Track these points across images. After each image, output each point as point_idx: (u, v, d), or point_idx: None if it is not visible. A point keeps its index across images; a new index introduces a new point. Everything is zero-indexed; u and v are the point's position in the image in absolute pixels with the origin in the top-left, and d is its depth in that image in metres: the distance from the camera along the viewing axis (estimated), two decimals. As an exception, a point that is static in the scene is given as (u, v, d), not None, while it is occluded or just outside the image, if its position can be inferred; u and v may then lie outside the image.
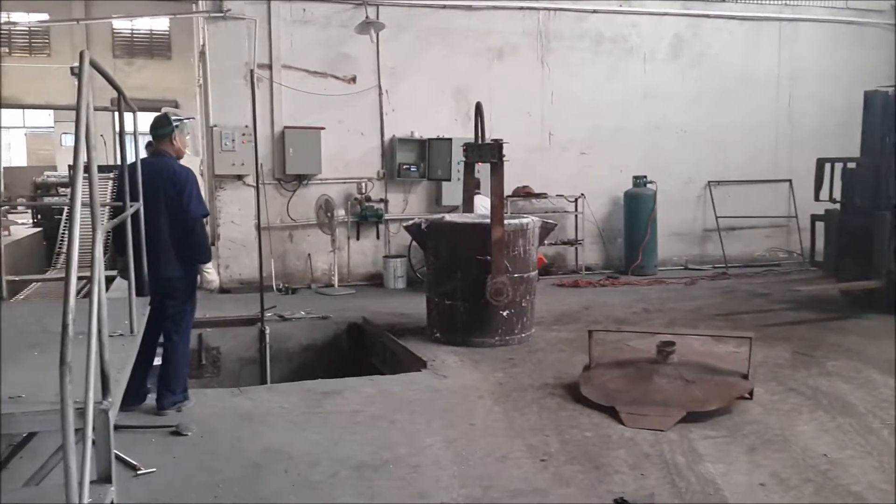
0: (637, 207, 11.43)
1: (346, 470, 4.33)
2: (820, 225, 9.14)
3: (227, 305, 9.03)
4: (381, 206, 10.77)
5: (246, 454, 4.57)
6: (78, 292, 2.35)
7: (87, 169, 2.77)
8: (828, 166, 8.74)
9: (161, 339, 5.49)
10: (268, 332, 8.23)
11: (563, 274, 11.38)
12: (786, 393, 5.63)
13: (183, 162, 5.55)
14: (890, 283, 8.01)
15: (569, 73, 11.41)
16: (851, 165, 8.62)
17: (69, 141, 21.41)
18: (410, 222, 7.68)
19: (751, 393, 5.42)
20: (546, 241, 8.13)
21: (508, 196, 10.18)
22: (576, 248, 11.62)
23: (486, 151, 7.32)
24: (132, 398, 5.16)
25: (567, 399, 5.52)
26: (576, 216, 11.50)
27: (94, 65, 2.83)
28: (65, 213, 12.88)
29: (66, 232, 12.64)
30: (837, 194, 8.70)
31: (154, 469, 4.26)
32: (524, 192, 11.11)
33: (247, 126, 9.68)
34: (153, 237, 5.08)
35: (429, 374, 6.27)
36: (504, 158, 7.09)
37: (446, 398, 5.63)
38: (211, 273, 5.61)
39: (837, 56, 12.24)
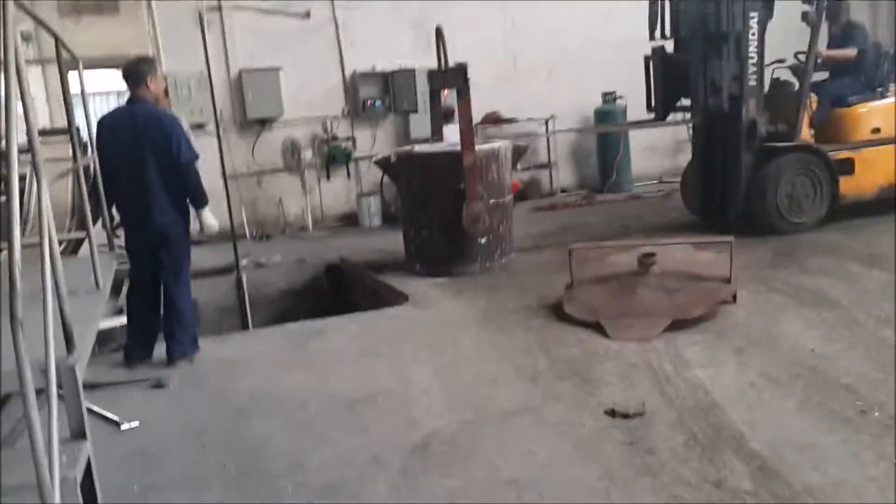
0: (608, 124, 11.26)
1: (336, 407, 4.27)
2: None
3: (201, 257, 8.82)
4: (349, 143, 10.56)
5: (232, 401, 4.49)
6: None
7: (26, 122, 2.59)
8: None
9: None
10: (245, 279, 8.09)
11: (539, 198, 11.28)
12: (769, 293, 5.62)
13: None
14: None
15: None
16: None
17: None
18: (379, 156, 7.50)
19: (734, 296, 5.41)
20: (519, 166, 8.01)
21: (478, 123, 9.95)
22: (550, 171, 11.50)
23: (451, 77, 7.13)
24: (141, 353, 5.17)
25: (552, 318, 5.49)
26: (547, 138, 11.34)
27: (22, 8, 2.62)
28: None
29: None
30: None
31: (137, 423, 4.18)
32: (494, 119, 10.91)
33: (202, 72, 9.34)
34: (142, 186, 4.95)
35: (411, 307, 6.20)
36: (469, 81, 6.90)
37: (431, 329, 5.58)
38: (209, 217, 5.44)
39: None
